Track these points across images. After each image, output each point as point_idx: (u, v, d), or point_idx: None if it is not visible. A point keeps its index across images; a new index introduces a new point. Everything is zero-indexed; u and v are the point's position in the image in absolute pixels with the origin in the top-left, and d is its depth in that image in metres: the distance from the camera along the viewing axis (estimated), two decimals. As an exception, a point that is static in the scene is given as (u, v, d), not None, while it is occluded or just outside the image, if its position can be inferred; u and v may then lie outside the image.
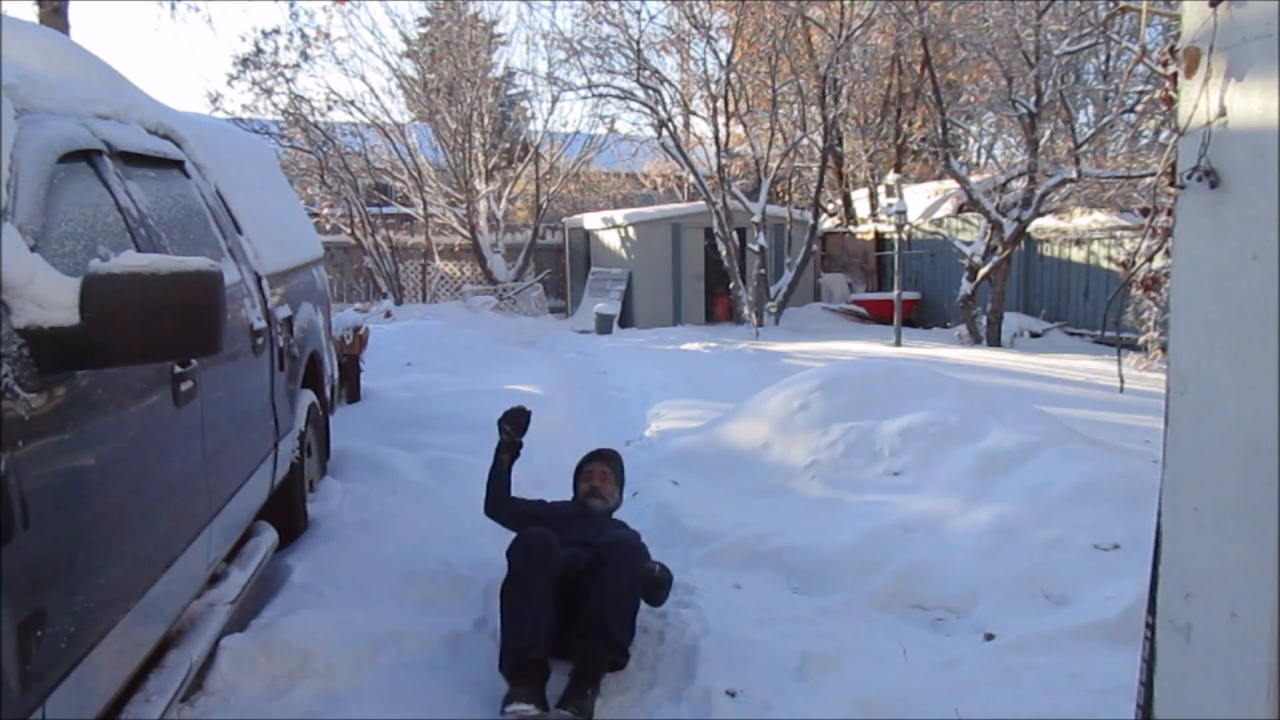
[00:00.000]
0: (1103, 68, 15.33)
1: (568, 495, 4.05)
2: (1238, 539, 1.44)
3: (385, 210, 18.94)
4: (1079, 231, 13.62)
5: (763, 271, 15.47)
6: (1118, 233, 13.06)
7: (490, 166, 18.93)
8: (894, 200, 14.18)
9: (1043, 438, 5.12)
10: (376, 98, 21.01)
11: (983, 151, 20.62)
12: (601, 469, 3.95)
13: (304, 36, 17.25)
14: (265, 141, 9.98)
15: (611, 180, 24.77)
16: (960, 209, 15.71)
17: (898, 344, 12.56)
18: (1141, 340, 9.61)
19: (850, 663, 3.31)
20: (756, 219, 15.38)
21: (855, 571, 4.15)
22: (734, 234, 15.41)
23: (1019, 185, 13.15)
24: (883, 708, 3.00)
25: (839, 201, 19.36)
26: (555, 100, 19.57)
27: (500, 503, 3.87)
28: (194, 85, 57.58)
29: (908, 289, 16.04)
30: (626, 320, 16.87)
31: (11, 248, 1.77)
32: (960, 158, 16.32)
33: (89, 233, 2.26)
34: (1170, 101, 1.70)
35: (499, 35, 22.42)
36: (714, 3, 17.08)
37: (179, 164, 3.35)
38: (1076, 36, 11.83)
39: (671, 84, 17.08)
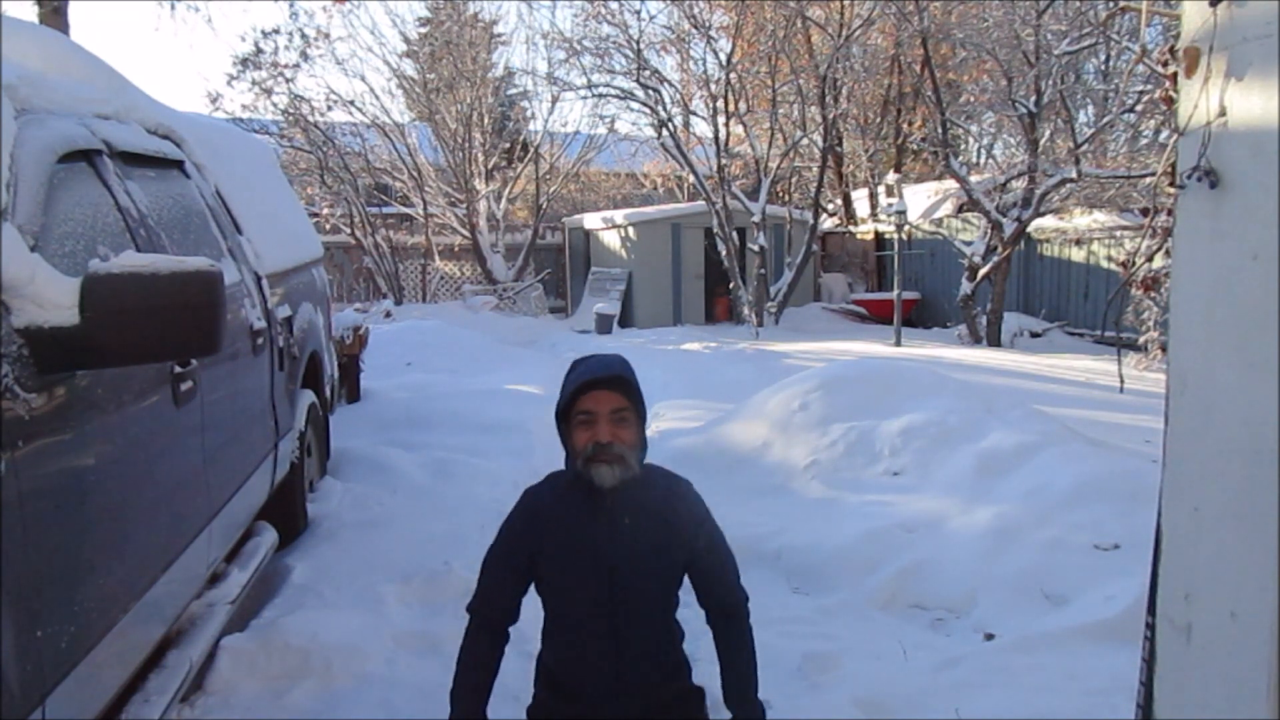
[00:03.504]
0: (1103, 68, 15.33)
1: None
2: (1238, 539, 1.44)
3: (385, 210, 18.96)
4: (1079, 231, 13.62)
5: (763, 271, 15.47)
6: (1118, 233, 13.06)
7: (490, 166, 18.94)
8: (894, 200, 14.19)
9: (1043, 438, 5.12)
10: (376, 98, 21.08)
11: (983, 151, 20.63)
12: (610, 401, 1.95)
13: (304, 36, 17.30)
14: (265, 142, 9.98)
15: (611, 180, 24.78)
16: (960, 209, 15.71)
17: (898, 344, 12.56)
18: (1141, 340, 9.60)
19: (850, 663, 3.32)
20: (756, 219, 15.38)
21: (855, 571, 4.16)
22: (734, 234, 15.42)
23: (1019, 185, 13.16)
24: (883, 708, 3.00)
25: (839, 201, 19.37)
26: (555, 100, 19.57)
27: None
28: (194, 85, 57.60)
29: (908, 289, 16.05)
30: (626, 320, 16.87)
31: (11, 248, 1.77)
32: (960, 158, 16.31)
33: (89, 233, 2.26)
34: (1170, 101, 1.70)
35: (499, 35, 22.44)
36: (714, 3, 17.09)
37: (179, 164, 3.35)
38: (1076, 36, 11.83)
39: (671, 84, 17.11)
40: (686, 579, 2.09)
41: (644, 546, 1.98)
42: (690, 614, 2.09)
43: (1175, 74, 1.59)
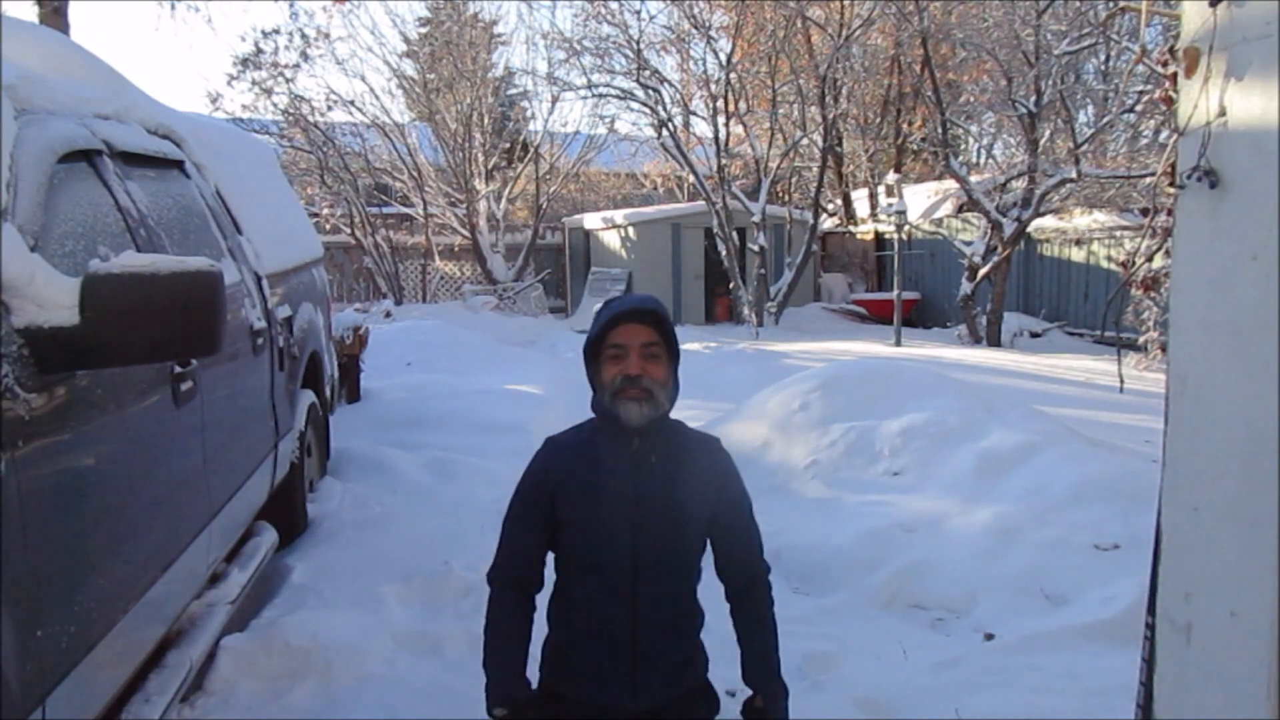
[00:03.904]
0: (1103, 68, 15.33)
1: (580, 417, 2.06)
2: (1238, 539, 1.44)
3: (385, 210, 18.97)
4: (1079, 231, 13.63)
5: (763, 271, 15.48)
6: (1118, 233, 13.07)
7: (490, 166, 18.95)
8: (894, 200, 14.19)
9: (1043, 438, 5.12)
10: (376, 98, 21.08)
11: (983, 151, 20.63)
12: (642, 335, 1.90)
13: (304, 36, 17.30)
14: (265, 142, 9.99)
15: (611, 180, 24.79)
16: (960, 209, 15.71)
17: (898, 344, 12.56)
18: (1141, 340, 9.61)
19: (850, 663, 3.32)
20: (756, 219, 15.39)
21: (855, 571, 4.16)
22: (734, 234, 15.42)
23: (1019, 185, 13.16)
24: (883, 708, 3.00)
25: (839, 201, 19.37)
26: (555, 100, 19.57)
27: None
28: (194, 85, 57.62)
29: (908, 289, 16.05)
30: (627, 320, 16.85)
31: (11, 248, 1.77)
32: (960, 158, 16.32)
33: (89, 233, 2.26)
34: (1170, 101, 1.70)
35: (499, 35, 22.45)
36: (714, 3, 17.09)
37: (179, 164, 3.35)
38: (1076, 36, 11.83)
39: (671, 84, 17.11)
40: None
41: (670, 490, 1.88)
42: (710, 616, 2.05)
43: (1175, 74, 1.59)
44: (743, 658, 2.01)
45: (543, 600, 2.02)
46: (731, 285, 15.57)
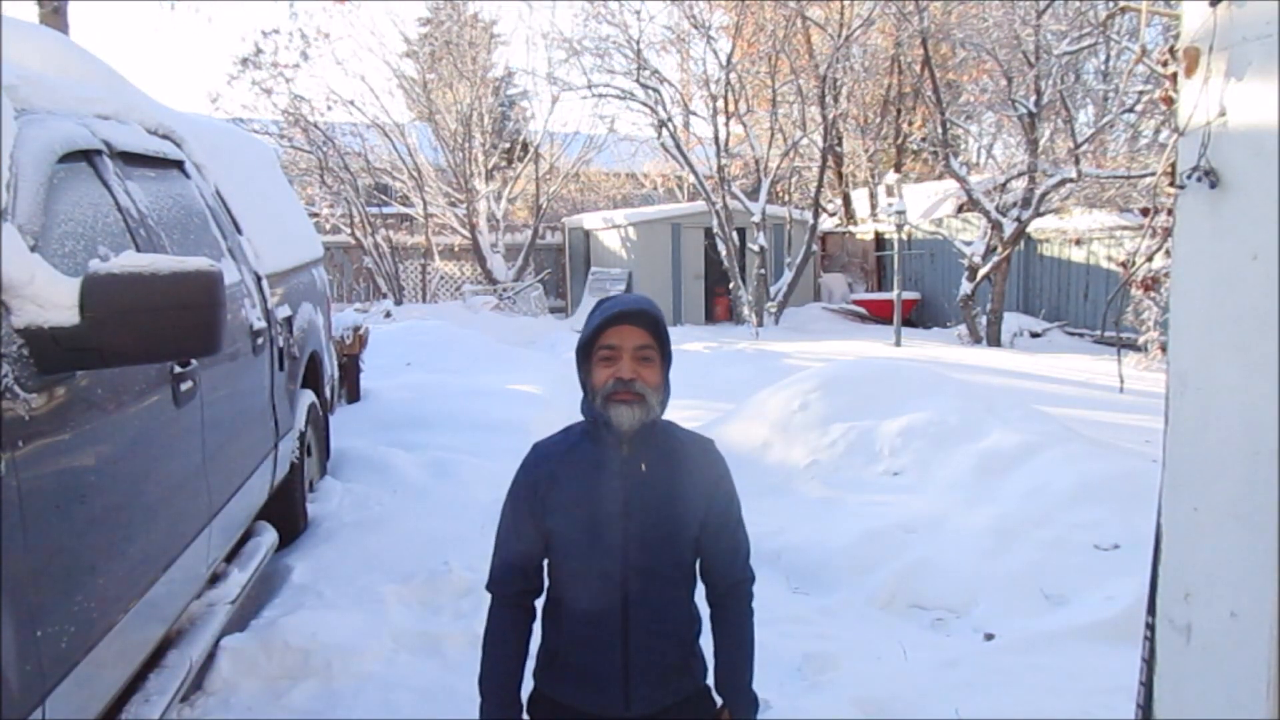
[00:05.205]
0: (1103, 68, 15.34)
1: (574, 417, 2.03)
2: (1238, 539, 1.44)
3: (385, 210, 18.96)
4: (1079, 231, 13.63)
5: (763, 271, 15.49)
6: (1118, 233, 13.06)
7: (490, 166, 18.95)
8: (894, 200, 14.19)
9: (1043, 438, 5.12)
10: (376, 98, 21.09)
11: (983, 151, 20.62)
12: (635, 337, 1.86)
13: (304, 36, 17.31)
14: (265, 142, 9.98)
15: (611, 180, 24.79)
16: (960, 209, 15.71)
17: (898, 344, 12.56)
18: (1141, 340, 9.61)
19: (850, 663, 3.32)
20: (756, 219, 15.40)
21: (855, 571, 4.16)
22: (734, 234, 15.43)
23: (1019, 185, 13.16)
24: (883, 708, 3.00)
25: (839, 201, 19.38)
26: (555, 100, 19.59)
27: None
28: (194, 85, 57.57)
29: (908, 289, 16.05)
30: (626, 320, 16.86)
31: (11, 248, 1.77)
32: (960, 158, 16.32)
33: (89, 233, 2.26)
34: (1170, 101, 1.70)
35: (499, 35, 22.46)
36: (714, 3, 17.09)
37: (179, 164, 3.35)
38: (1076, 36, 11.83)
39: (671, 84, 17.11)
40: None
41: (660, 495, 1.85)
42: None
43: (1175, 74, 1.59)
44: (716, 665, 1.97)
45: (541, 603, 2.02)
46: (731, 285, 15.58)
